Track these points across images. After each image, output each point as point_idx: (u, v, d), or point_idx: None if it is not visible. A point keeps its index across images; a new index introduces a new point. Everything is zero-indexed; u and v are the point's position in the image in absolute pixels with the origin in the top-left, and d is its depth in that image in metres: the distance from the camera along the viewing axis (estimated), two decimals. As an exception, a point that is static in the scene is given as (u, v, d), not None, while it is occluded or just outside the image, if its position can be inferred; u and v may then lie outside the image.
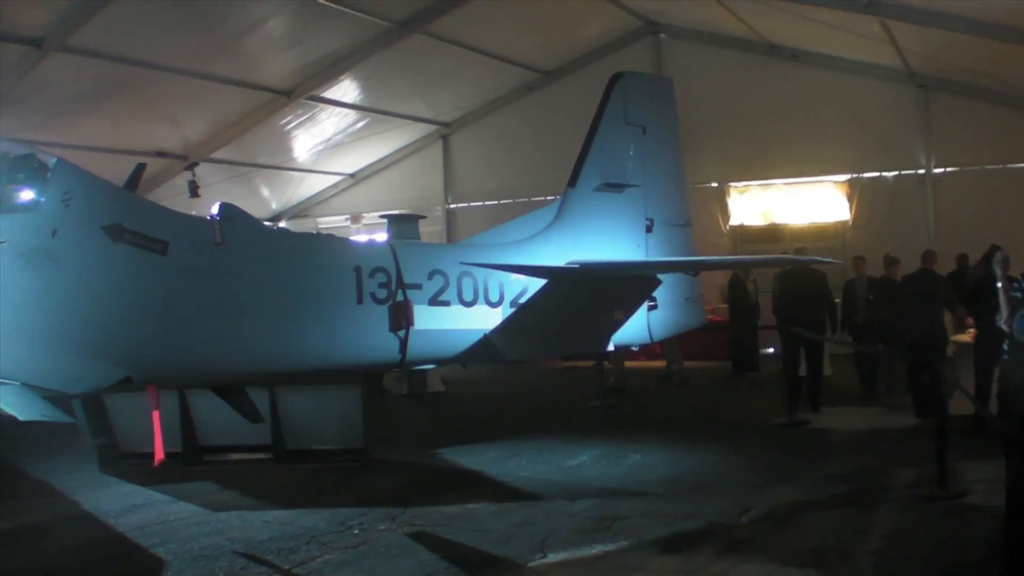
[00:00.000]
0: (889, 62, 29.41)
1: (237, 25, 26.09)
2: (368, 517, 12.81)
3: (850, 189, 31.83)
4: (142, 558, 11.56)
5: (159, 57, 26.09)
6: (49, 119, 26.73)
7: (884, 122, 31.03)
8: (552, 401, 24.14)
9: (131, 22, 23.73)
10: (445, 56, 31.08)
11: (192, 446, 16.77)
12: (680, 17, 32.84)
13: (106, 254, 12.02)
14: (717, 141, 31.63)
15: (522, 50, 33.32)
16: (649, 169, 18.01)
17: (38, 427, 10.26)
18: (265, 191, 38.69)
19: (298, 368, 14.41)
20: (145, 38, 24.85)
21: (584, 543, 11.21)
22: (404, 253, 15.47)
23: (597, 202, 17.61)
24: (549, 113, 34.63)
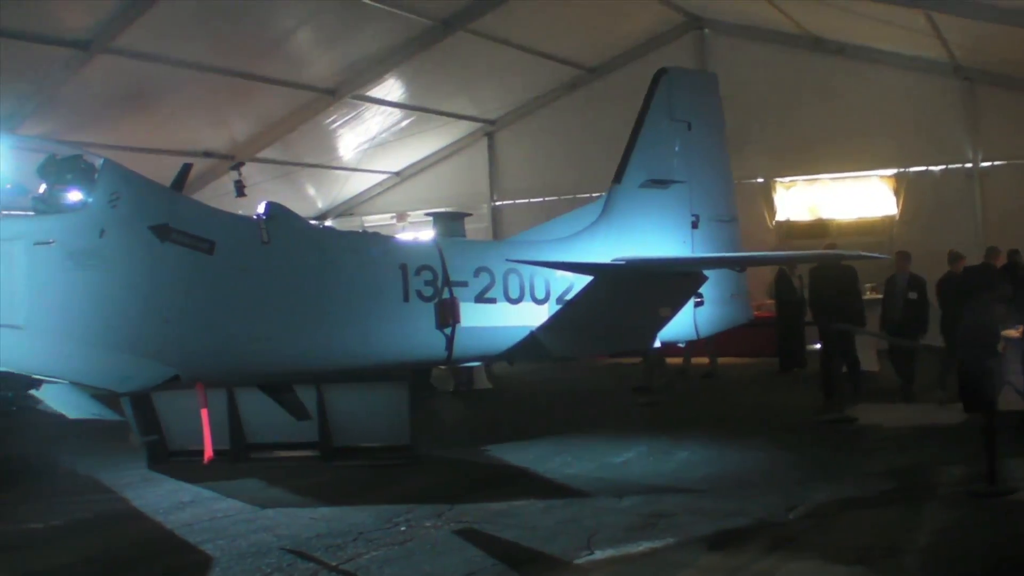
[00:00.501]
0: (934, 55, 29.12)
1: (281, 25, 26.18)
2: (414, 514, 12.83)
3: (896, 183, 31.49)
4: (190, 554, 11.64)
5: (204, 58, 26.22)
6: (96, 120, 26.92)
7: (930, 116, 30.69)
8: (598, 398, 24.09)
9: (176, 23, 23.85)
10: (489, 54, 31.05)
11: (240, 443, 16.85)
12: (724, 12, 32.66)
13: (153, 254, 12.11)
14: (762, 136, 31.37)
15: (566, 47, 33.24)
16: (694, 165, 18.00)
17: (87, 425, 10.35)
18: (311, 190, 38.80)
19: (345, 365, 14.46)
20: (190, 39, 24.98)
21: (631, 540, 11.19)
22: (450, 251, 15.52)
23: (643, 198, 17.60)
24: (594, 110, 34.51)
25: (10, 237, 11.20)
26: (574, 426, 19.34)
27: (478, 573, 10.37)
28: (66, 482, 16.15)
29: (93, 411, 10.60)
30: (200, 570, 10.94)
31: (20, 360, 10.51)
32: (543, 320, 16.24)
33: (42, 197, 12.06)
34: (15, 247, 11.12)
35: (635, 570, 10.32)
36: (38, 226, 11.51)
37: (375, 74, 30.69)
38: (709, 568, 10.29)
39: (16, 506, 14.29)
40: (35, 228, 11.45)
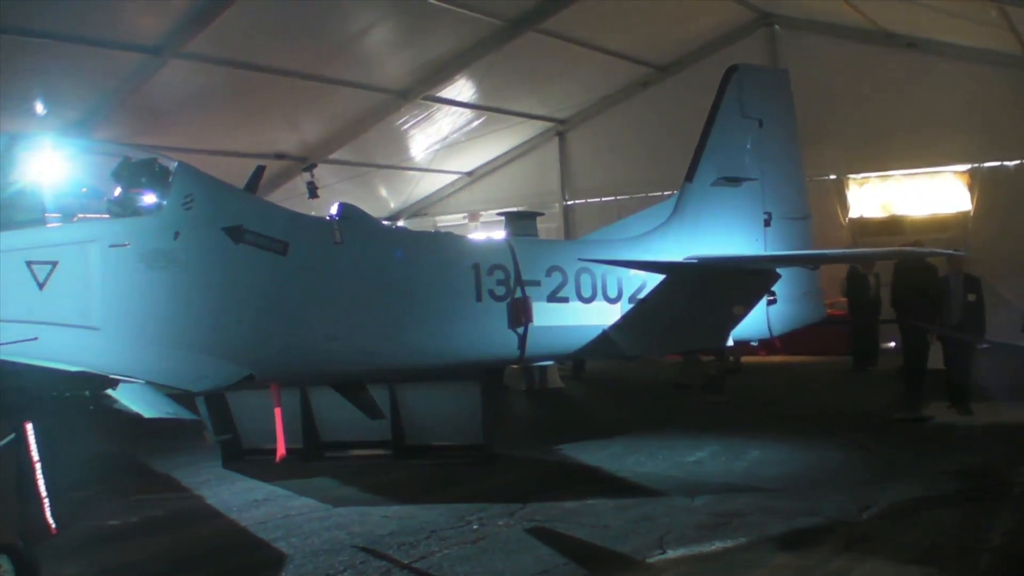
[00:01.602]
0: (1007, 48, 28.65)
1: (352, 28, 26.31)
2: (487, 512, 12.88)
3: (971, 179, 31.01)
4: (264, 552, 11.76)
5: (275, 61, 26.40)
6: (169, 124, 27.19)
7: (1004, 110, 30.13)
8: (671, 396, 24.01)
9: (247, 28, 24.04)
10: (559, 53, 31.03)
11: (313, 442, 16.98)
12: (795, 8, 32.42)
13: (227, 255, 12.19)
14: (834, 132, 31.04)
15: (635, 45, 33.16)
16: (766, 162, 17.90)
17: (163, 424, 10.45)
18: (383, 191, 38.97)
19: (417, 365, 14.50)
20: (261, 43, 25.17)
21: (703, 539, 11.18)
22: (522, 250, 15.51)
23: (715, 196, 17.54)
24: (665, 108, 34.41)
25: (86, 240, 11.31)
26: (647, 425, 19.31)
27: (550, 571, 10.39)
28: (142, 480, 16.36)
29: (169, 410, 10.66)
30: (274, 567, 11.04)
31: (97, 360, 10.61)
32: (615, 319, 16.21)
33: (117, 200, 12.18)
34: (91, 250, 11.24)
35: (707, 569, 10.30)
36: (113, 229, 11.61)
37: (446, 75, 30.77)
38: (781, 568, 10.24)
39: (94, 504, 14.49)
40: (110, 231, 11.55)
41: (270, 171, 27.34)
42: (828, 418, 19.30)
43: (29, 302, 10.81)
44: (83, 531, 12.95)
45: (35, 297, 10.85)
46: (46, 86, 23.65)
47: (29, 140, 12.95)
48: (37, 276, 10.90)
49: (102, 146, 18.32)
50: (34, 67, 22.72)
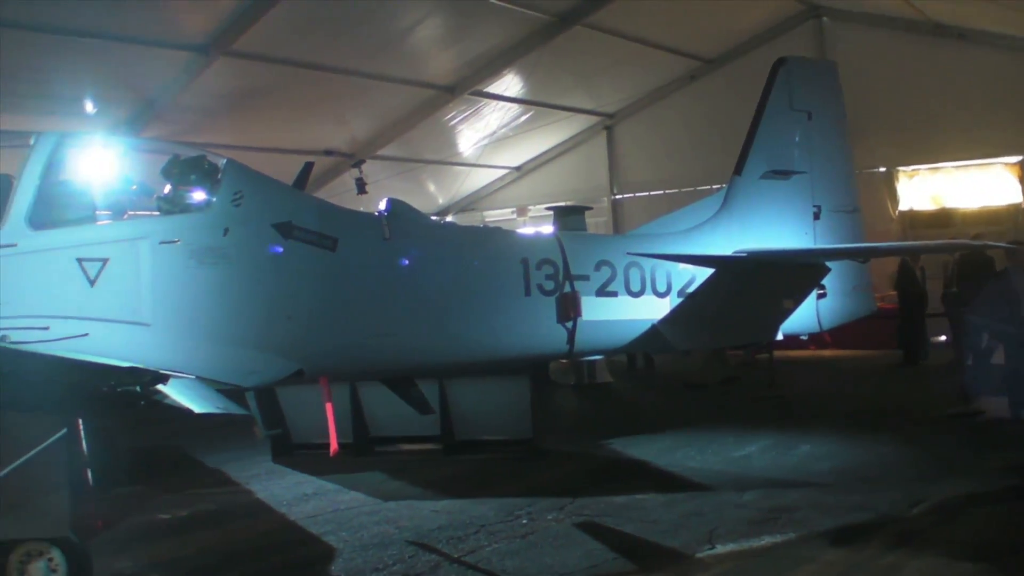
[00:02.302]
0: (1057, 39, 28.48)
1: (399, 24, 26.35)
2: (536, 507, 12.88)
3: (1021, 171, 30.76)
4: (314, 546, 11.83)
5: (323, 58, 26.49)
6: (217, 122, 27.37)
7: (1054, 101, 29.94)
8: (720, 391, 23.93)
9: (294, 25, 24.13)
10: (606, 47, 30.98)
11: (363, 437, 17.07)
12: (842, 0, 32.30)
13: (276, 251, 12.25)
14: (884, 125, 30.76)
15: (683, 39, 33.05)
16: (815, 155, 17.79)
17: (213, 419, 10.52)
18: (432, 186, 39.05)
19: (466, 360, 14.50)
20: (309, 40, 25.25)
21: (752, 534, 11.13)
22: (571, 244, 15.47)
23: (763, 190, 17.45)
24: (713, 101, 34.27)
25: (136, 237, 11.41)
26: (696, 419, 19.27)
27: (600, 566, 10.39)
28: (193, 475, 16.48)
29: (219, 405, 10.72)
30: (324, 562, 11.10)
31: (147, 356, 10.67)
32: (665, 313, 16.16)
33: (167, 197, 12.26)
34: (141, 247, 11.33)
35: (757, 565, 10.26)
36: (163, 226, 11.71)
37: (493, 70, 30.76)
38: (831, 564, 10.17)
39: (145, 498, 14.63)
40: (160, 228, 11.64)
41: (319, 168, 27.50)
42: (879, 412, 19.14)
43: (80, 299, 10.93)
44: (134, 525, 13.10)
45: (86, 294, 10.96)
46: (95, 85, 23.84)
47: (79, 139, 13.08)
48: (88, 273, 11.01)
49: (151, 144, 18.51)
50: (83, 67, 22.94)
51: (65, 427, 9.71)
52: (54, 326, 10.69)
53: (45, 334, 10.59)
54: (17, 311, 10.67)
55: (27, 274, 10.86)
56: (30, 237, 10.91)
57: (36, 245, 10.93)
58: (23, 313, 10.68)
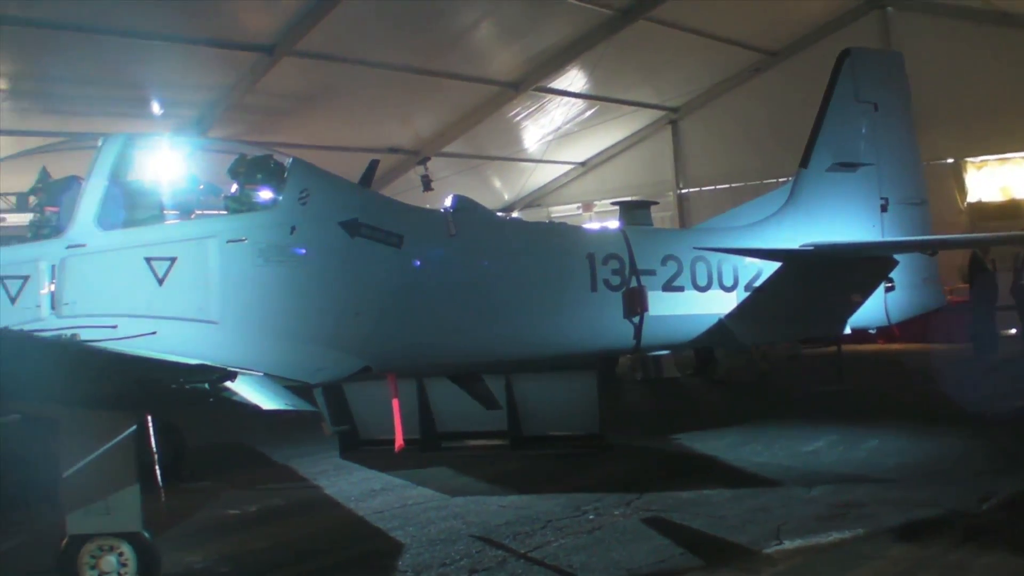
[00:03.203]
0: None
1: (462, 21, 26.45)
2: (603, 502, 12.89)
3: (1092, 160, 30.37)
4: (382, 541, 11.89)
5: (387, 56, 26.63)
6: (283, 121, 27.59)
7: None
8: (786, 386, 23.80)
9: (358, 24, 24.28)
10: (670, 41, 30.93)
11: (430, 433, 17.13)
12: (907, -11, 32.04)
13: (343, 248, 12.30)
14: (951, 115, 30.45)
15: (747, 31, 32.91)
16: (882, 147, 17.61)
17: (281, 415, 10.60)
18: (497, 182, 39.14)
19: (533, 355, 14.49)
20: (373, 38, 25.40)
21: (820, 530, 11.06)
22: (636, 239, 15.40)
23: (830, 182, 17.30)
24: (778, 94, 34.11)
25: (204, 236, 11.51)
26: (763, 414, 19.18)
27: (667, 561, 10.37)
28: (261, 471, 16.61)
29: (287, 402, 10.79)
30: (391, 557, 11.14)
31: (215, 353, 10.77)
32: (731, 308, 16.08)
33: (234, 196, 12.34)
34: (209, 245, 11.44)
35: (824, 561, 10.19)
36: (230, 225, 11.80)
37: (557, 66, 30.79)
38: (899, 560, 10.09)
39: (214, 493, 14.76)
40: (228, 227, 11.73)
41: (384, 165, 27.62)
42: (948, 406, 18.93)
43: (149, 297, 11.04)
44: (203, 520, 13.23)
45: (154, 293, 11.07)
46: (163, 87, 24.12)
47: (147, 139, 13.24)
48: (156, 272, 11.12)
49: (218, 144, 18.66)
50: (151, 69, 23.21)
51: (135, 424, 9.84)
52: (122, 324, 10.81)
53: (113, 332, 10.71)
54: (86, 310, 10.81)
55: (96, 273, 11.00)
56: (99, 237, 11.05)
57: (105, 245, 11.07)
58: (92, 312, 10.82)
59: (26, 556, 11.94)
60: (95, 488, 9.68)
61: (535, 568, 10.44)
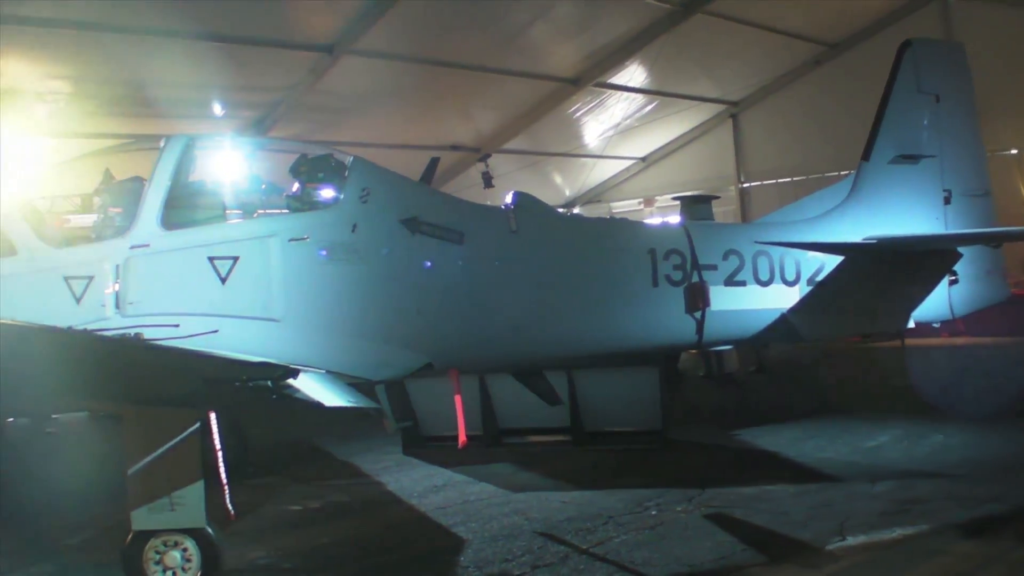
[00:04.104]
0: None
1: (521, 18, 26.44)
2: (665, 498, 12.88)
3: None
4: (444, 537, 11.95)
5: (446, 54, 26.68)
6: (343, 120, 27.72)
7: None
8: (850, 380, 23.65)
9: (417, 22, 24.35)
10: (729, 34, 30.77)
11: (492, 429, 17.17)
12: (970, -23, 31.67)
13: (404, 246, 12.36)
14: (1014, 106, 30.03)
15: (806, 24, 32.66)
16: (945, 138, 17.45)
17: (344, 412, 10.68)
18: (558, 178, 39.12)
19: (595, 351, 14.48)
20: (432, 36, 25.46)
21: (884, 526, 11.01)
22: (698, 234, 15.36)
23: (892, 175, 17.16)
24: (839, 86, 33.81)
25: (266, 235, 11.62)
26: (827, 409, 19.08)
27: (729, 558, 10.35)
28: (324, 467, 16.72)
29: (349, 399, 10.88)
30: (453, 552, 11.20)
31: (278, 351, 10.88)
32: (794, 302, 16.00)
33: (295, 195, 12.44)
34: (271, 244, 11.54)
35: (888, 557, 10.14)
36: (292, 223, 11.90)
37: (617, 61, 30.71)
38: (964, 557, 10.01)
39: (278, 489, 14.89)
40: (290, 225, 11.84)
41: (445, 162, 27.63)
42: (1014, 401, 18.73)
43: (212, 296, 11.17)
44: (266, 516, 13.36)
45: (218, 291, 11.20)
46: (224, 88, 24.33)
47: (209, 140, 13.37)
48: (219, 271, 11.24)
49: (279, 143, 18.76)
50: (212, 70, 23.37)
51: (199, 421, 9.95)
52: (185, 323, 10.93)
53: (177, 331, 10.83)
54: (150, 309, 10.95)
55: (159, 273, 11.14)
56: (162, 237, 11.19)
57: (168, 244, 11.20)
58: (155, 311, 10.95)
59: (92, 552, 12.09)
60: (160, 485, 9.81)
61: (597, 564, 10.46)
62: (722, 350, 23.18)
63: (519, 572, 10.40)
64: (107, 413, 13.40)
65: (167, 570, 9.94)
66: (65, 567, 11.67)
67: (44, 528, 13.21)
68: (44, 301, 10.93)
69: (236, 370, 9.87)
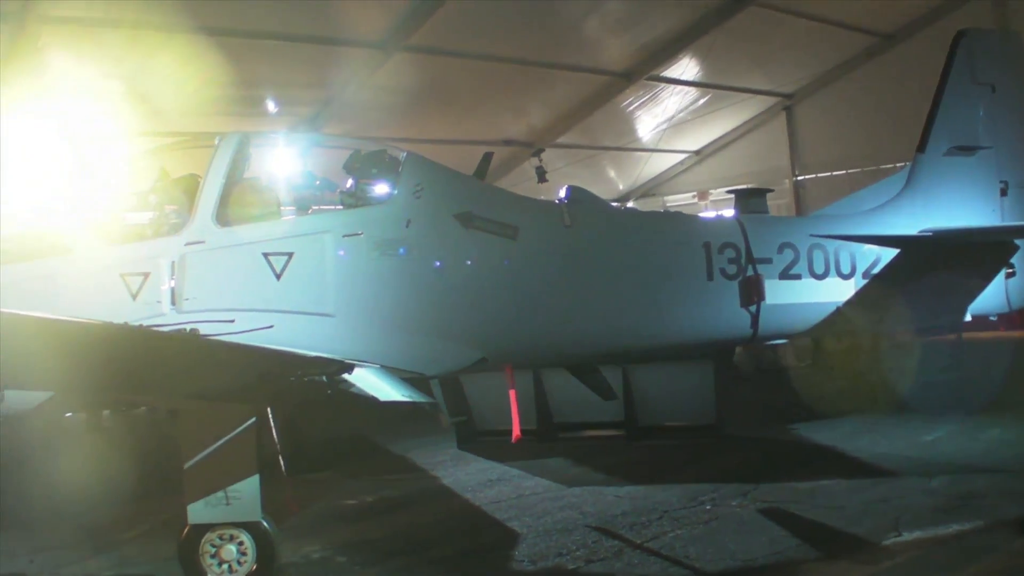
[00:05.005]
0: None
1: (573, 11, 26.36)
2: (720, 493, 12.87)
3: None
4: (498, 531, 12.00)
5: (498, 49, 26.61)
6: (396, 116, 27.74)
7: None
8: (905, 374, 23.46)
9: (469, 18, 24.33)
10: (782, 26, 30.50)
11: (547, 423, 17.19)
12: (1023, -33, 31.24)
13: (458, 241, 12.41)
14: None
15: (860, 15, 32.28)
16: (1001, 129, 17.32)
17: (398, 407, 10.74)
18: (611, 172, 39.01)
19: (649, 345, 14.47)
20: (484, 32, 25.42)
21: (939, 522, 10.93)
22: (752, 227, 15.32)
23: (947, 167, 17.06)
24: (893, 77, 33.42)
25: (321, 231, 11.71)
26: (882, 404, 18.93)
27: (783, 553, 10.32)
28: (379, 461, 16.81)
29: (404, 394, 10.98)
30: (507, 546, 11.24)
31: (333, 346, 10.97)
32: (849, 296, 15.92)
33: (349, 192, 12.52)
34: (325, 240, 11.63)
35: (943, 553, 10.07)
36: (346, 219, 11.97)
37: (669, 54, 30.52)
38: (1020, 553, 9.95)
39: (332, 484, 14.99)
40: (344, 221, 11.91)
41: (498, 157, 27.66)
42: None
43: (267, 292, 11.27)
44: (321, 510, 13.46)
45: (272, 287, 11.30)
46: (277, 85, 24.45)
47: (264, 137, 13.46)
48: (274, 267, 11.33)
49: (332, 140, 18.87)
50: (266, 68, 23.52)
51: (255, 415, 10.04)
52: (240, 318, 11.03)
53: (232, 326, 10.93)
54: (205, 305, 11.06)
55: (214, 269, 11.25)
56: (217, 234, 11.30)
57: (223, 241, 11.31)
58: (211, 307, 11.06)
59: (149, 545, 12.21)
60: (216, 479, 9.91)
61: (651, 559, 10.46)
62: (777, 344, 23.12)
63: (573, 566, 10.42)
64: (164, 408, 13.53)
65: (223, 563, 10.05)
66: (122, 560, 11.80)
67: (101, 522, 13.35)
68: (101, 298, 11.05)
69: (291, 365, 9.97)
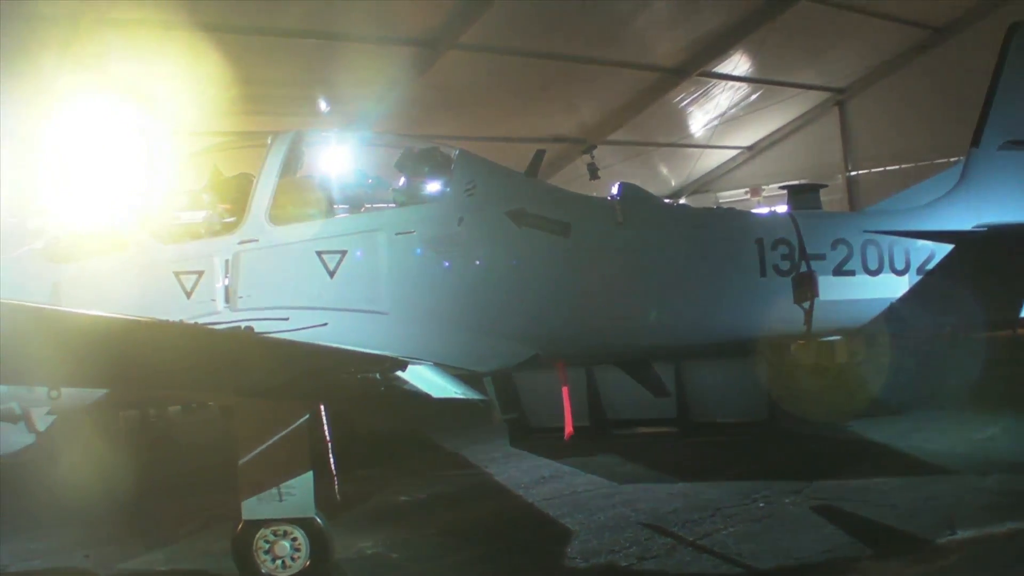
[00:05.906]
0: None
1: (623, 8, 26.31)
2: (772, 490, 12.83)
3: None
4: (550, 528, 12.02)
5: (549, 46, 26.63)
6: (448, 114, 27.80)
7: None
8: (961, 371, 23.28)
9: (519, 15, 24.35)
10: (834, 21, 30.33)
11: (599, 420, 17.20)
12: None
13: (511, 238, 12.43)
14: None
15: (912, 8, 32.03)
16: (1057, 123, 17.18)
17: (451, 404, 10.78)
18: (663, 169, 38.92)
19: (702, 342, 14.43)
20: (534, 29, 25.44)
21: (994, 520, 10.86)
22: (806, 223, 15.23)
23: (1002, 161, 16.90)
24: (947, 71, 33.15)
25: (373, 229, 11.77)
26: (936, 400, 18.80)
27: (835, 551, 10.29)
28: (432, 458, 16.86)
29: (456, 391, 11.00)
30: (560, 543, 11.25)
31: (386, 343, 11.00)
32: (903, 292, 15.83)
33: (401, 189, 12.58)
34: (378, 238, 11.68)
35: (998, 551, 10.01)
36: (399, 217, 12.03)
37: (720, 50, 30.44)
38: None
39: (386, 480, 15.04)
40: (396, 219, 11.97)
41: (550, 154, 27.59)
42: None
43: (320, 290, 11.35)
44: (375, 507, 13.54)
45: (326, 285, 11.37)
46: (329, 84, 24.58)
47: (316, 136, 13.53)
48: (327, 265, 11.40)
49: (384, 138, 18.93)
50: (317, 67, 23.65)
51: (308, 412, 10.12)
52: (294, 316, 11.11)
53: (286, 324, 11.00)
54: (259, 303, 11.15)
55: (268, 267, 11.34)
56: (270, 232, 11.39)
57: (276, 239, 11.39)
58: (265, 305, 11.14)
59: (203, 541, 12.32)
60: (269, 475, 10.00)
61: (704, 556, 10.46)
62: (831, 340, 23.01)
63: (626, 563, 10.43)
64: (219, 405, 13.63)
65: (276, 559, 10.15)
66: (175, 555, 11.92)
67: (155, 517, 13.48)
68: (155, 296, 11.16)
69: (345, 362, 10.01)
